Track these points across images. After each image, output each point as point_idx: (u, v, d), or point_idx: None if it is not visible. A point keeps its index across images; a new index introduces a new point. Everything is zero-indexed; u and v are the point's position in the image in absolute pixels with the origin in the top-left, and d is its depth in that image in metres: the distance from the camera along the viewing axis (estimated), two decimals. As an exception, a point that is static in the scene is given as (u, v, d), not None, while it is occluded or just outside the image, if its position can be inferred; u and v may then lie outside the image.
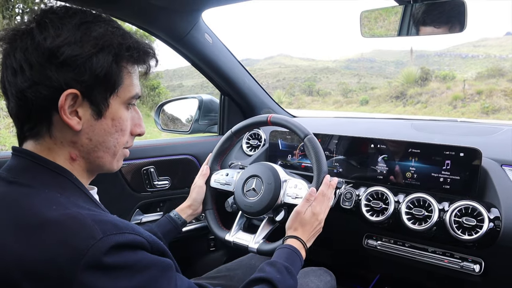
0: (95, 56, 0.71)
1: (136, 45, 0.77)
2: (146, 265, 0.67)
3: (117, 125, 0.78)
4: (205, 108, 2.01)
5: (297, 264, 1.05)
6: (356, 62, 42.58)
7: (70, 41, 0.69)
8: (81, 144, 0.76)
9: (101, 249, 0.61)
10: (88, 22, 0.72)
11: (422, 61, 32.90)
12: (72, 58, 0.69)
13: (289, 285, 0.97)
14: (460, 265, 1.20)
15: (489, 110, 14.32)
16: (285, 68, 40.47)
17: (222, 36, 1.70)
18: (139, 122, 0.86)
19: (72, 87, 0.70)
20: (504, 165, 1.25)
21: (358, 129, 1.70)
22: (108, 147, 0.79)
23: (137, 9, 1.38)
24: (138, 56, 0.78)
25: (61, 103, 0.70)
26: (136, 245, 0.67)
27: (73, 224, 0.63)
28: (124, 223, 0.68)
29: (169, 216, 1.32)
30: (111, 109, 0.76)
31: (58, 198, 0.68)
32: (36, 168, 0.73)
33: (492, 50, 31.60)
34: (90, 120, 0.75)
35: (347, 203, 1.38)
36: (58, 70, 0.69)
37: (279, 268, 0.98)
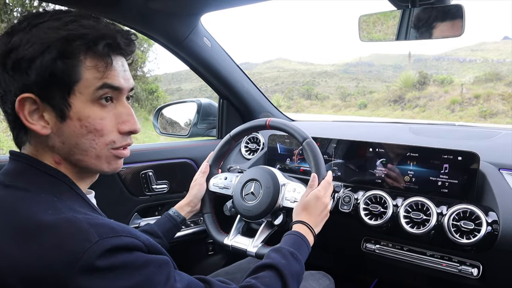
0: (41, 56, 0.66)
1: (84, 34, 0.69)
2: (143, 263, 0.66)
3: (87, 125, 0.72)
4: (204, 112, 2.01)
5: (303, 249, 1.05)
6: (355, 66, 42.68)
7: (17, 45, 0.67)
8: (57, 148, 0.73)
9: (97, 252, 0.60)
10: (41, 22, 0.69)
11: (420, 65, 33.01)
12: (18, 61, 0.67)
13: (294, 270, 0.96)
14: (458, 268, 1.20)
15: (487, 114, 14.34)
16: (283, 72, 40.54)
17: (221, 40, 1.70)
18: (127, 119, 0.78)
19: (26, 91, 0.68)
20: (502, 169, 1.25)
21: (356, 133, 1.70)
22: (84, 149, 0.74)
23: (135, 12, 1.38)
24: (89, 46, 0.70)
25: (17, 109, 0.69)
26: (132, 248, 0.66)
27: (68, 228, 0.62)
28: (120, 226, 0.67)
29: (168, 214, 1.32)
30: (75, 108, 0.71)
31: (54, 203, 0.67)
32: (32, 172, 0.72)
33: (489, 54, 31.73)
34: (57, 123, 0.71)
35: (345, 206, 1.38)
36: (10, 76, 0.68)
37: (284, 254, 0.98)
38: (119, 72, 0.75)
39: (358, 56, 50.01)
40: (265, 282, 0.89)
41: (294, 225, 1.14)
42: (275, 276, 0.92)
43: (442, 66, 32.88)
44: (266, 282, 0.89)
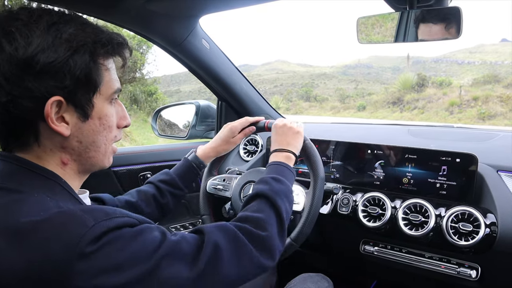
0: (71, 59, 0.68)
1: (109, 39, 0.74)
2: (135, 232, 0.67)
3: (104, 123, 0.77)
4: (202, 113, 2.01)
5: (286, 173, 1.07)
6: (353, 68, 42.72)
7: (43, 48, 0.66)
8: (71, 148, 0.75)
9: (94, 236, 0.61)
10: (56, 23, 0.69)
11: (419, 67, 33.06)
12: (49, 65, 0.66)
13: (278, 189, 0.99)
14: (457, 270, 1.20)
15: (485, 116, 14.37)
16: (282, 74, 40.56)
17: (220, 42, 1.70)
18: (123, 114, 0.84)
19: (55, 94, 0.68)
20: (500, 170, 1.25)
21: (355, 135, 1.71)
22: (98, 146, 0.78)
23: (134, 15, 1.38)
24: (113, 50, 0.76)
25: (47, 113, 0.68)
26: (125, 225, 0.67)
27: (62, 218, 0.63)
28: (112, 209, 0.68)
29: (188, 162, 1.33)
30: (96, 108, 0.75)
31: (47, 202, 0.67)
32: (23, 173, 0.71)
33: (488, 56, 31.79)
34: (78, 123, 0.73)
35: (344, 208, 1.38)
36: (37, 80, 0.66)
37: (266, 181, 1.01)
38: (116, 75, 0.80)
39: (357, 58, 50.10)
40: (254, 209, 0.92)
41: (271, 154, 1.16)
42: (261, 201, 0.95)
43: (441, 68, 32.95)
44: (255, 209, 0.92)
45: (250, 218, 0.89)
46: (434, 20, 1.16)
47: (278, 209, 0.94)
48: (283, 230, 0.93)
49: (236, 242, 0.81)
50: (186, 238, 0.75)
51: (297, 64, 48.51)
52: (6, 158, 0.73)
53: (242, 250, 0.81)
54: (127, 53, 0.80)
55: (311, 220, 1.18)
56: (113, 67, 0.78)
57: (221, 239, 0.78)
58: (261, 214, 0.90)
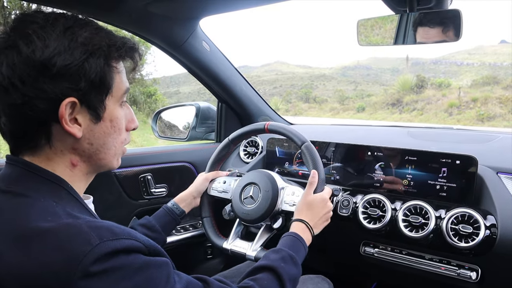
0: (87, 62, 0.70)
1: (123, 43, 0.77)
2: (142, 264, 0.66)
3: (115, 125, 0.79)
4: (203, 115, 2.01)
5: (301, 252, 1.06)
6: (353, 70, 42.74)
7: (60, 51, 0.68)
8: (82, 150, 0.76)
9: (98, 255, 0.60)
10: (71, 27, 0.71)
11: (418, 68, 33.08)
12: (65, 67, 0.68)
13: (292, 273, 0.97)
14: (457, 272, 1.20)
15: (484, 117, 14.39)
16: (282, 75, 40.57)
17: (219, 43, 1.71)
18: (132, 117, 0.86)
19: (70, 96, 0.69)
20: (500, 172, 1.25)
21: (355, 136, 1.71)
22: (108, 147, 0.80)
23: (135, 17, 1.38)
24: (126, 53, 0.78)
25: (61, 114, 0.69)
26: (132, 250, 0.66)
27: (69, 231, 0.63)
28: (120, 229, 0.67)
29: (166, 207, 1.32)
30: (108, 110, 0.77)
31: (54, 208, 0.67)
32: (31, 177, 0.72)
33: (487, 57, 31.81)
34: (90, 125, 0.75)
35: (344, 210, 1.38)
36: (53, 82, 0.68)
37: (284, 257, 0.98)
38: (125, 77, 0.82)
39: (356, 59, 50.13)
40: (263, 285, 0.90)
41: (294, 222, 1.15)
42: (273, 279, 0.92)
43: (440, 69, 32.98)
44: (264, 285, 0.90)
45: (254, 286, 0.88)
46: (433, 22, 1.16)
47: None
48: None
49: None
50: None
51: (297, 65, 48.52)
52: (14, 162, 0.74)
53: None
54: (138, 57, 0.82)
55: (312, 222, 1.18)
56: (124, 70, 0.80)
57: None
58: None
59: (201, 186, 1.40)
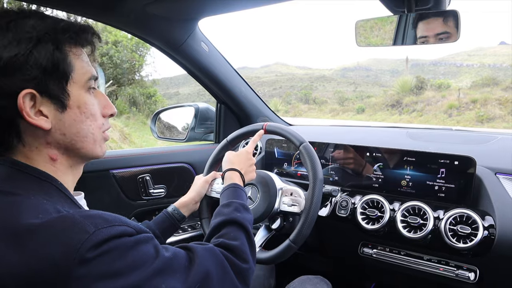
0: (35, 50, 0.68)
1: (69, 26, 0.74)
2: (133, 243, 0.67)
3: (85, 111, 0.76)
4: (202, 116, 2.01)
5: (244, 198, 1.12)
6: (352, 71, 42.79)
7: (4, 44, 0.67)
8: (57, 142, 0.74)
9: (94, 242, 0.61)
10: (14, 20, 0.70)
11: (417, 69, 33.12)
12: (13, 59, 0.67)
13: (249, 219, 1.03)
14: (455, 273, 1.20)
15: (484, 118, 14.40)
16: (281, 76, 40.60)
17: (219, 45, 1.71)
18: (107, 103, 0.83)
19: (25, 88, 0.68)
20: (499, 173, 1.25)
21: (354, 137, 1.71)
22: (84, 135, 0.77)
23: (133, 18, 1.38)
24: (77, 36, 0.75)
25: (20, 106, 0.68)
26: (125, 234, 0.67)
27: (63, 223, 0.62)
28: (111, 216, 0.68)
29: (166, 212, 1.31)
30: (73, 97, 0.74)
31: (44, 205, 0.67)
32: (19, 175, 0.71)
33: (486, 59, 31.86)
34: (57, 114, 0.73)
35: (342, 211, 1.38)
36: (4, 76, 0.67)
37: (236, 207, 1.04)
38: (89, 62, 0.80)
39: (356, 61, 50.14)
40: (231, 237, 0.94)
41: (227, 172, 1.21)
42: (237, 229, 0.97)
43: (439, 71, 33.01)
44: (231, 237, 0.94)
45: (231, 247, 0.90)
46: (432, 23, 1.16)
47: (250, 235, 0.97)
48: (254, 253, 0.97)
49: (223, 268, 0.83)
50: (177, 256, 0.76)
51: (296, 66, 48.54)
52: (1, 161, 0.73)
53: (227, 278, 0.83)
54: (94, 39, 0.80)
55: (310, 222, 1.18)
56: (84, 55, 0.78)
57: (211, 263, 0.80)
58: (238, 243, 0.92)
59: (202, 189, 1.40)
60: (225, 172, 1.22)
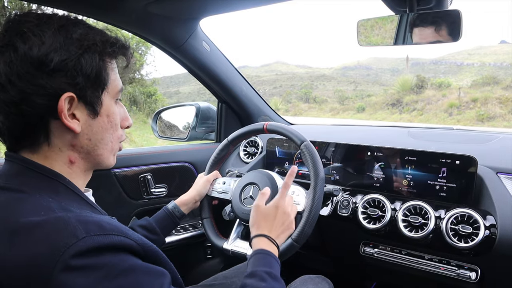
0: (83, 57, 0.72)
1: (116, 40, 0.79)
2: (129, 267, 0.64)
3: (112, 121, 0.81)
4: (203, 115, 2.01)
5: (275, 267, 0.96)
6: (353, 70, 42.77)
7: (56, 47, 0.69)
8: (81, 146, 0.77)
9: (81, 249, 0.60)
10: (65, 25, 0.72)
11: (418, 68, 33.11)
12: (62, 62, 0.69)
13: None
14: (457, 272, 1.20)
15: (484, 117, 14.39)
16: (281, 75, 40.58)
17: (220, 44, 1.71)
18: (125, 115, 0.88)
19: (67, 91, 0.70)
20: (500, 172, 1.25)
21: (355, 136, 1.71)
22: (106, 143, 0.81)
23: (135, 17, 1.38)
24: (119, 50, 0.80)
25: (60, 108, 0.70)
26: (121, 248, 0.65)
27: (56, 224, 0.63)
28: (111, 225, 0.66)
29: (167, 209, 1.32)
30: (105, 105, 0.78)
31: (49, 203, 0.67)
32: (28, 173, 0.73)
33: (487, 58, 31.84)
34: (88, 120, 0.76)
35: (344, 210, 1.38)
36: (50, 77, 0.69)
37: (261, 276, 0.90)
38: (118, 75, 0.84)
39: (356, 59, 50.11)
40: None
41: (255, 239, 1.06)
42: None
43: (440, 69, 32.99)
44: None
45: None
46: (433, 23, 1.16)
47: None
48: None
49: None
50: None
51: (296, 65, 48.52)
52: (13, 158, 0.75)
53: None
54: (130, 55, 0.84)
55: (312, 221, 1.18)
56: (116, 68, 0.82)
57: None
58: None
59: (203, 189, 1.40)
60: (251, 240, 1.06)
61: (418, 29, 1.18)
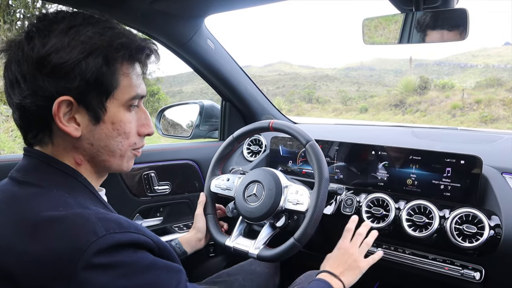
0: (84, 61, 0.69)
1: (128, 44, 0.73)
2: (149, 264, 0.66)
3: (118, 129, 0.76)
4: (206, 113, 2.01)
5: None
6: (356, 70, 42.71)
7: (57, 48, 0.68)
8: (83, 149, 0.76)
9: (102, 246, 0.60)
10: (77, 25, 0.70)
11: (421, 69, 33.04)
12: (60, 65, 0.68)
13: None
14: (461, 272, 1.20)
15: (488, 119, 14.35)
16: (284, 75, 40.57)
17: (222, 43, 1.71)
18: (146, 122, 0.83)
19: (65, 94, 0.69)
20: (505, 173, 1.25)
21: (359, 136, 1.71)
22: (112, 150, 0.78)
23: (140, 14, 1.39)
24: (130, 56, 0.74)
25: (54, 112, 0.69)
26: (139, 245, 0.66)
27: (76, 220, 0.63)
28: (129, 223, 0.67)
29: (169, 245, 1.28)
30: (110, 113, 0.74)
31: (66, 198, 0.68)
32: (46, 168, 0.73)
33: (490, 59, 31.74)
34: (89, 125, 0.74)
35: (347, 209, 1.38)
36: (49, 79, 0.68)
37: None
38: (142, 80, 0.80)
39: (359, 60, 50.05)
40: None
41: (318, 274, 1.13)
42: None
43: (443, 71, 32.91)
44: None
45: None
46: (440, 21, 1.16)
47: None
48: None
49: None
50: None
51: (300, 65, 48.49)
52: (30, 153, 0.75)
53: None
54: (150, 59, 0.80)
55: (315, 221, 1.18)
56: (136, 73, 0.77)
57: None
58: None
59: (201, 224, 1.38)
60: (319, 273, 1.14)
61: (424, 27, 1.18)
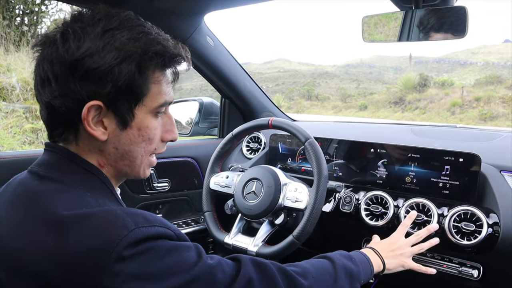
0: (117, 67, 0.68)
1: (160, 53, 0.73)
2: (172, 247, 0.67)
3: (144, 135, 0.77)
4: (206, 111, 2.02)
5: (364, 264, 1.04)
6: (355, 67, 42.62)
7: (91, 52, 0.68)
8: (108, 153, 0.76)
9: (132, 240, 0.62)
10: (112, 29, 0.70)
11: (421, 67, 32.97)
12: (93, 70, 0.68)
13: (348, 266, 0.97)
14: (459, 270, 1.21)
15: (487, 117, 14.33)
16: (284, 72, 40.48)
17: (222, 40, 1.71)
18: (170, 128, 0.83)
19: (95, 99, 0.69)
20: (503, 171, 1.25)
21: (358, 133, 1.71)
22: (134, 156, 0.78)
23: (140, 11, 1.37)
24: (163, 64, 0.75)
25: (83, 116, 0.70)
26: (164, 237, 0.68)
27: (107, 216, 0.64)
28: (153, 217, 0.69)
29: None
30: (137, 119, 0.75)
31: (87, 197, 0.69)
32: (68, 165, 0.74)
33: (490, 57, 31.68)
34: (116, 130, 0.74)
35: (346, 207, 1.38)
36: (80, 83, 0.68)
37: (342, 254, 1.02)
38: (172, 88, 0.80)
39: (359, 57, 50.00)
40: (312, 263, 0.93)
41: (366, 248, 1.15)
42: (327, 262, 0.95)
43: (443, 68, 32.87)
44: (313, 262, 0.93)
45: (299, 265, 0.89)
46: (439, 19, 1.16)
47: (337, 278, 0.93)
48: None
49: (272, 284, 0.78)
50: (222, 266, 0.74)
51: (299, 62, 48.40)
52: (53, 148, 0.76)
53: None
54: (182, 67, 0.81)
55: (314, 218, 1.18)
56: (166, 79, 0.78)
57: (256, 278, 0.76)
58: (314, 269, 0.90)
59: None
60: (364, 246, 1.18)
61: (423, 25, 1.18)
